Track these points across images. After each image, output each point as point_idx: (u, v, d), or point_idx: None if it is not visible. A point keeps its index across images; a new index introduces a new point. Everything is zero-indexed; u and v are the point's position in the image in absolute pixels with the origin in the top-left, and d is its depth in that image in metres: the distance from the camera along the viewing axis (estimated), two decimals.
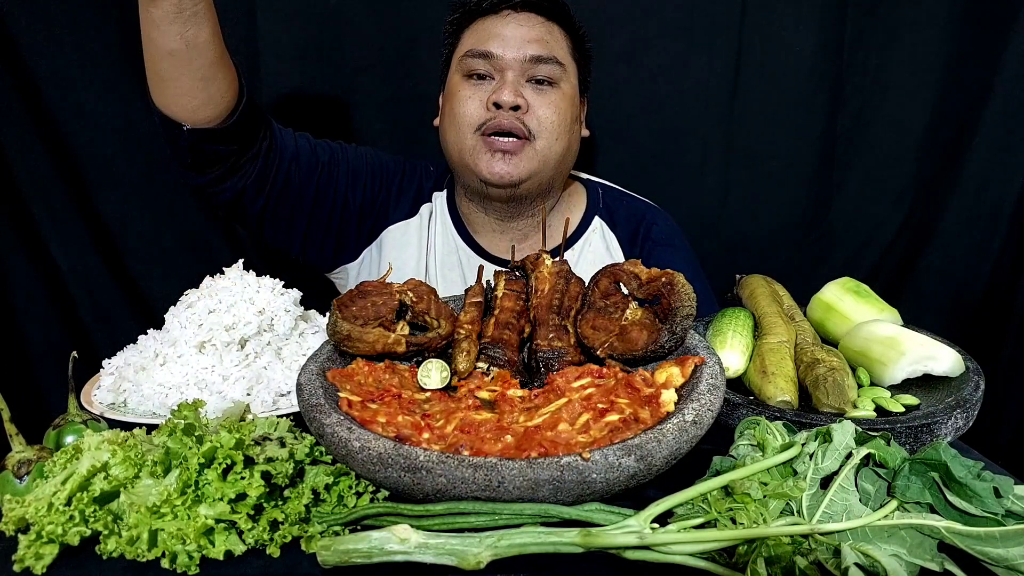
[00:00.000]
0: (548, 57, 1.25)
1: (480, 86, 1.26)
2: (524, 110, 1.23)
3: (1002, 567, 0.58)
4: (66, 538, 0.62)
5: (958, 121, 1.73)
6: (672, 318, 0.82)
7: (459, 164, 1.30)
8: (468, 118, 1.25)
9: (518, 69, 1.24)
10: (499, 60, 1.24)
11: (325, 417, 0.69)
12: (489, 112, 1.23)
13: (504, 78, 1.24)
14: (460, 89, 1.27)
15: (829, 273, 1.28)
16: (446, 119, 1.31)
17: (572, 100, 1.30)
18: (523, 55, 1.24)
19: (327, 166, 1.31)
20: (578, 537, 0.59)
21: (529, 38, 1.25)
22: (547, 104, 1.25)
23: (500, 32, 1.25)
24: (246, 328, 0.95)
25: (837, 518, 0.62)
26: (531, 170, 1.26)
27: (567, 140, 1.30)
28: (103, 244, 1.70)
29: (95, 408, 0.89)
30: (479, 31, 1.28)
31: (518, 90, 1.23)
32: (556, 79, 1.27)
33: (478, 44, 1.26)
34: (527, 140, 1.25)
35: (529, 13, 1.27)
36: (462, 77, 1.28)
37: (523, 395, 0.80)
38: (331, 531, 0.64)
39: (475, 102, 1.25)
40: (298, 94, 1.68)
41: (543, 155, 1.26)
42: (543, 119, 1.25)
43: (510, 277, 1.01)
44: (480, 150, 1.25)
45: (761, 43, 1.69)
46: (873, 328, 0.97)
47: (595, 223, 1.42)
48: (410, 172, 1.44)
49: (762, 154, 1.78)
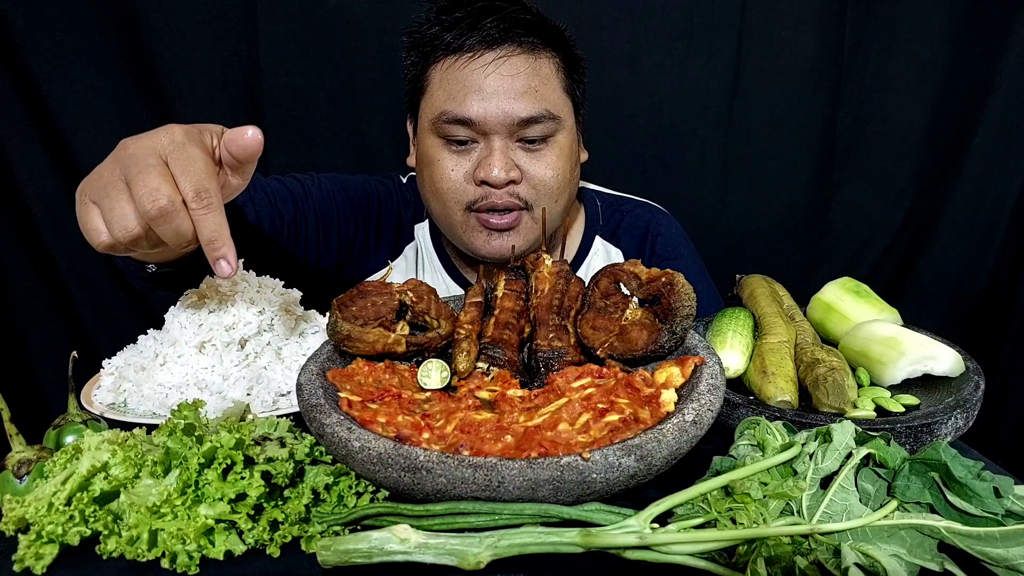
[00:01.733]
0: (539, 116, 1.08)
1: (462, 153, 1.10)
2: (517, 182, 1.09)
3: (1002, 567, 0.58)
4: (66, 538, 0.62)
5: (958, 121, 1.73)
6: (672, 318, 0.82)
7: (449, 234, 1.17)
8: (455, 195, 1.11)
9: (505, 133, 1.07)
10: (482, 125, 1.07)
11: (325, 417, 0.69)
12: (479, 189, 1.09)
13: (490, 146, 1.07)
14: (439, 158, 1.10)
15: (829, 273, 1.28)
16: (427, 187, 1.15)
17: (570, 148, 1.15)
18: (511, 118, 1.06)
19: (292, 224, 1.15)
20: (578, 537, 0.59)
21: (515, 92, 1.06)
22: (543, 166, 1.10)
23: (479, 86, 1.06)
24: (246, 328, 0.95)
25: (837, 518, 0.62)
26: (531, 241, 1.14)
27: (568, 193, 1.17)
28: None
29: (95, 408, 0.89)
30: (451, 81, 1.08)
31: (509, 162, 1.07)
32: (551, 134, 1.10)
33: (454, 105, 1.06)
34: (524, 211, 1.12)
35: (512, 54, 1.07)
36: (439, 141, 1.11)
37: (523, 395, 0.80)
38: (331, 531, 0.64)
39: (459, 175, 1.09)
40: (298, 94, 1.68)
41: (541, 221, 1.09)
42: (540, 184, 1.11)
43: (510, 277, 1.01)
44: (474, 229, 1.12)
45: (761, 43, 1.70)
46: (873, 328, 0.97)
47: (596, 245, 1.33)
48: (386, 204, 1.29)
49: (762, 154, 1.78)
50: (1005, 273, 1.77)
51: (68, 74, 1.58)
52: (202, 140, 0.73)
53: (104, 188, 0.70)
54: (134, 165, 0.69)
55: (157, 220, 0.67)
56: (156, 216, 0.67)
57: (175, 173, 0.68)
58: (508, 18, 1.08)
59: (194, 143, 0.71)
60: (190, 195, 0.67)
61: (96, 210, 0.72)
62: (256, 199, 1.13)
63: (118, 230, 0.69)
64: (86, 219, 0.72)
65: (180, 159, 0.69)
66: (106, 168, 0.72)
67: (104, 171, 0.72)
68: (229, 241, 0.68)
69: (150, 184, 0.67)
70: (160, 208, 0.66)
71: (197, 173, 0.68)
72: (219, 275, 0.69)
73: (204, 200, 0.67)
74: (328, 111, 1.70)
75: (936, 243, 1.80)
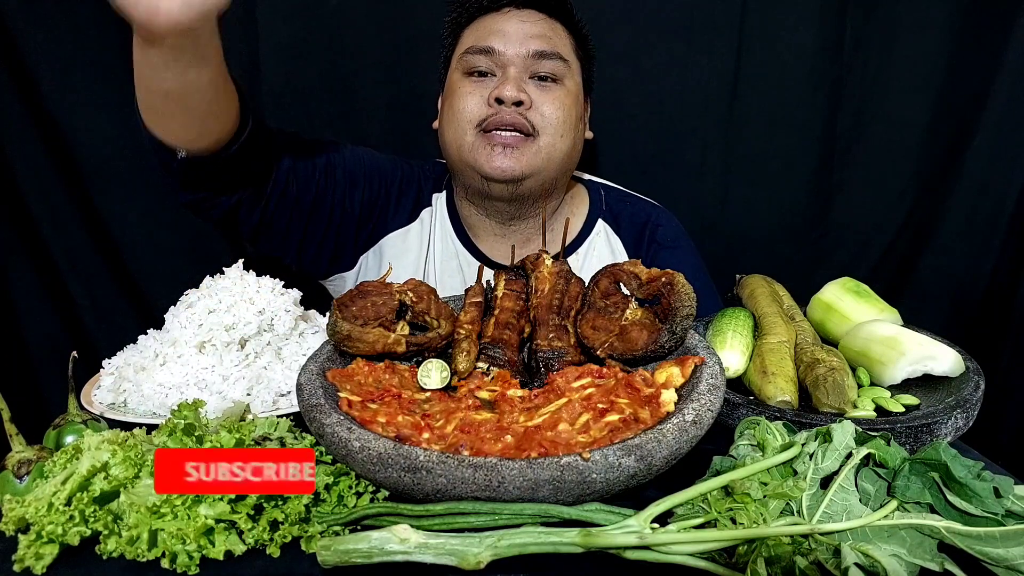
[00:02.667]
0: (552, 52, 1.22)
1: (481, 83, 1.23)
2: (527, 106, 1.20)
3: (1002, 567, 0.58)
4: (66, 538, 0.62)
5: (958, 121, 1.73)
6: (672, 318, 0.82)
7: (458, 162, 1.26)
8: (468, 114, 1.22)
9: (521, 65, 1.22)
10: (501, 56, 1.21)
11: (325, 417, 0.69)
12: (491, 108, 1.20)
13: (506, 74, 1.21)
14: (460, 86, 1.24)
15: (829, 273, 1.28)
16: (445, 117, 1.28)
17: (576, 97, 1.28)
18: (526, 50, 1.21)
19: (324, 172, 1.25)
20: (578, 537, 0.59)
21: (532, 33, 1.22)
22: (551, 100, 1.23)
23: (502, 28, 1.23)
24: (246, 328, 0.95)
25: (837, 518, 0.62)
26: (534, 166, 1.22)
27: (571, 138, 1.26)
28: (103, 244, 1.70)
29: (95, 408, 0.89)
30: (480, 28, 1.25)
31: (521, 85, 1.21)
32: (560, 75, 1.24)
33: (479, 41, 1.23)
34: (530, 136, 1.21)
35: (531, 10, 1.25)
36: (462, 75, 1.25)
37: (523, 395, 0.80)
38: (331, 531, 0.64)
39: (476, 98, 1.22)
40: (298, 94, 1.68)
41: (547, 152, 1.23)
42: (547, 115, 1.22)
43: (510, 277, 1.01)
44: (480, 145, 1.21)
45: (761, 43, 1.69)
46: (873, 328, 0.97)
47: (598, 226, 1.40)
48: (408, 175, 1.39)
49: (762, 154, 1.78)
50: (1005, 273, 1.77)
51: (68, 74, 1.58)
52: None
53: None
54: None
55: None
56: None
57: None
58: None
59: None
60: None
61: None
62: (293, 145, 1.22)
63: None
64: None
65: None
66: None
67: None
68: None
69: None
70: None
71: None
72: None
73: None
74: (328, 111, 1.70)
75: (936, 243, 1.79)
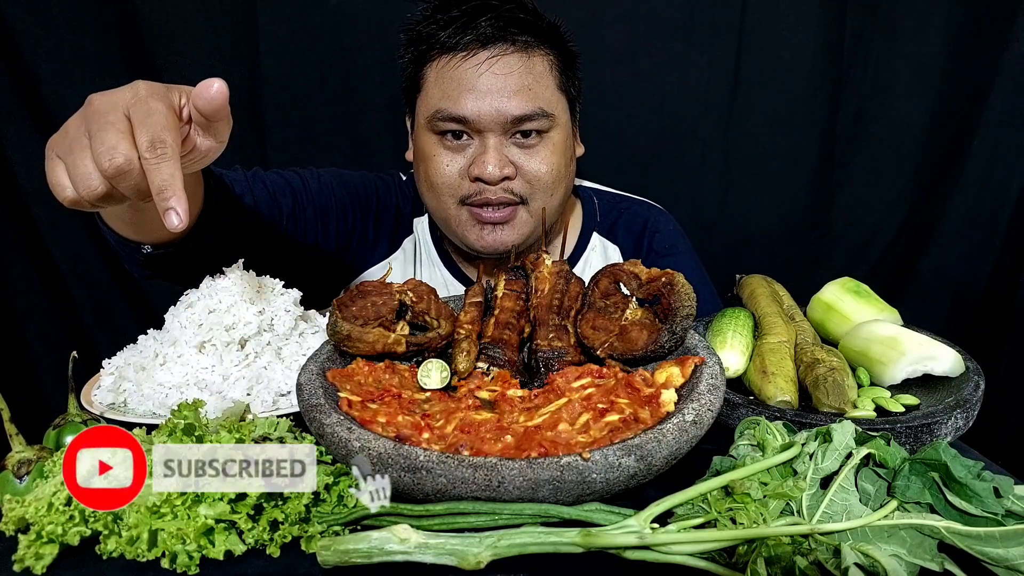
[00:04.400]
0: (534, 113, 1.09)
1: (458, 149, 1.12)
2: (512, 178, 1.10)
3: (1002, 567, 0.58)
4: (66, 538, 0.62)
5: (958, 121, 1.73)
6: (672, 318, 0.82)
7: (444, 228, 1.19)
8: (449, 189, 1.12)
9: (499, 131, 1.09)
10: (476, 123, 1.08)
11: (325, 417, 0.69)
12: (473, 185, 1.10)
13: (485, 143, 1.09)
14: (435, 154, 1.12)
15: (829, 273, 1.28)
16: (423, 181, 1.17)
17: (564, 144, 1.16)
18: (504, 116, 1.07)
19: (291, 216, 1.15)
20: (578, 537, 0.59)
21: (509, 91, 1.07)
22: (537, 162, 1.12)
23: (472, 85, 1.07)
24: (246, 328, 0.95)
25: (837, 518, 0.62)
26: (525, 234, 1.15)
27: (563, 187, 1.18)
28: (103, 244, 1.70)
29: (95, 408, 0.89)
30: (446, 80, 1.09)
31: (503, 159, 1.09)
32: (545, 131, 1.12)
33: (448, 103, 1.08)
34: (519, 205, 1.13)
35: (505, 53, 1.08)
36: (435, 137, 1.12)
37: (523, 395, 0.80)
38: (331, 531, 0.64)
39: (454, 170, 1.11)
40: (298, 94, 1.68)
41: (537, 216, 1.13)
42: (534, 179, 1.12)
43: (510, 277, 1.01)
44: (468, 223, 1.13)
45: (761, 43, 1.70)
46: (873, 328, 0.97)
47: (593, 240, 1.34)
48: (385, 198, 1.30)
49: (762, 154, 1.78)
50: (1005, 273, 1.77)
51: (68, 74, 1.58)
52: (168, 96, 0.71)
53: (69, 145, 0.69)
54: (96, 121, 0.68)
55: (115, 178, 0.66)
56: (113, 175, 0.66)
57: (134, 126, 0.67)
58: (503, 17, 1.09)
59: (157, 98, 0.70)
60: (144, 146, 0.66)
61: (62, 166, 0.70)
62: (255, 190, 1.12)
63: (82, 188, 0.67)
64: (52, 175, 0.70)
65: (140, 112, 0.67)
66: (72, 124, 0.71)
67: (70, 127, 0.71)
68: (181, 192, 0.65)
69: (108, 142, 0.66)
70: (116, 167, 0.65)
71: (154, 125, 0.66)
72: (169, 227, 0.66)
73: (158, 150, 0.66)
74: (328, 111, 1.70)
75: (936, 243, 1.80)
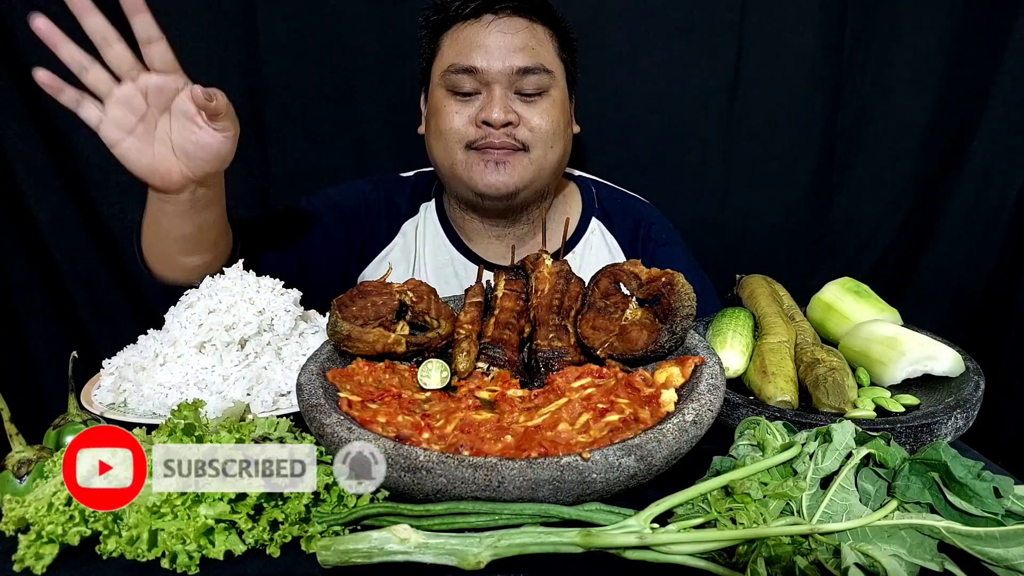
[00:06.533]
0: (535, 67, 1.20)
1: (467, 102, 1.22)
2: (515, 124, 1.20)
3: (1002, 567, 0.58)
4: (66, 538, 0.62)
5: (958, 121, 1.73)
6: (672, 318, 0.82)
7: (451, 177, 1.27)
8: (457, 135, 1.22)
9: (505, 82, 1.20)
10: (484, 74, 1.19)
11: (325, 417, 0.69)
12: (479, 130, 1.20)
13: (492, 93, 1.19)
14: (446, 105, 1.23)
15: (829, 273, 1.28)
16: (433, 134, 1.27)
17: (563, 105, 1.27)
18: (509, 67, 1.19)
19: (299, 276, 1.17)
20: (578, 537, 0.59)
21: (514, 47, 1.19)
22: (538, 114, 1.22)
23: (483, 42, 1.19)
24: (246, 328, 0.95)
25: (837, 518, 0.62)
26: (526, 179, 1.24)
27: (561, 146, 1.27)
28: (103, 244, 1.70)
29: (95, 408, 0.89)
30: (459, 40, 1.22)
31: (507, 105, 1.19)
32: (545, 87, 1.22)
33: (460, 58, 1.20)
34: (521, 151, 1.22)
35: (511, 17, 1.22)
36: (446, 92, 1.23)
37: (523, 395, 0.80)
38: (331, 531, 0.64)
39: (463, 119, 1.21)
40: (298, 94, 1.68)
41: (538, 164, 1.23)
42: (536, 129, 1.22)
43: (510, 277, 1.01)
44: (473, 162, 1.22)
45: (761, 43, 1.69)
46: (873, 328, 0.97)
47: (593, 224, 1.40)
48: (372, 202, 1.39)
49: (762, 154, 1.78)
50: (1005, 273, 1.77)
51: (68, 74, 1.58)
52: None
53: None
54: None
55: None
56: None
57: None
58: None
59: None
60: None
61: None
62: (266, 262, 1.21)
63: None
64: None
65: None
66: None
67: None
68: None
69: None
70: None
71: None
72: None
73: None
74: (328, 111, 1.70)
75: (936, 243, 1.79)
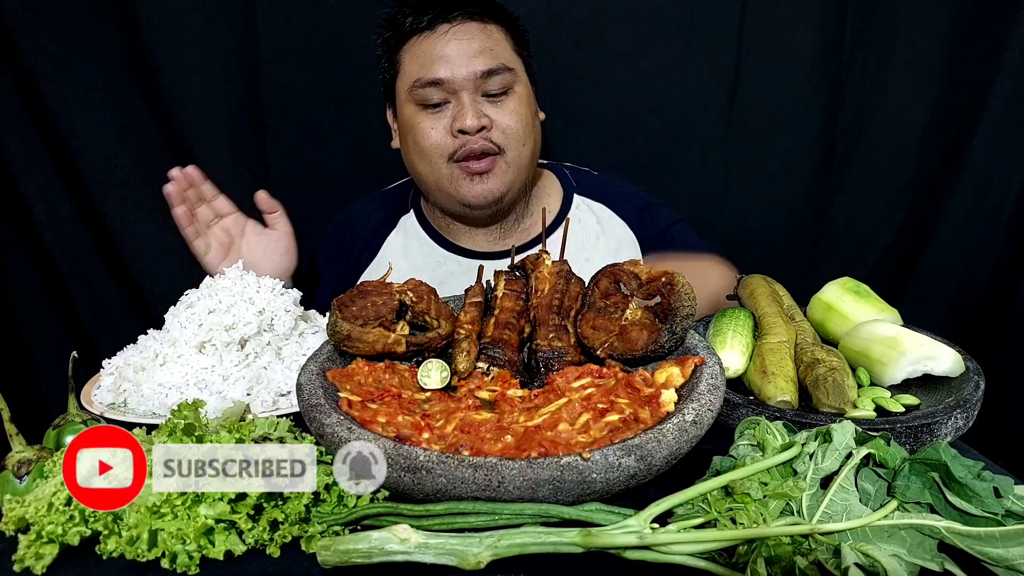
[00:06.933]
0: (498, 67, 1.23)
1: (438, 114, 1.24)
2: (489, 127, 1.23)
3: (1002, 567, 0.58)
4: (66, 538, 0.62)
5: (958, 121, 1.73)
6: (672, 318, 0.82)
7: (436, 191, 1.30)
8: (437, 149, 1.24)
9: (471, 87, 1.22)
10: (450, 83, 1.21)
11: (325, 417, 0.69)
12: (457, 139, 1.22)
13: (460, 101, 1.22)
14: (419, 121, 1.25)
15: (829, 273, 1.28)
16: (412, 152, 1.29)
17: (528, 99, 1.30)
18: (473, 72, 1.21)
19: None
20: (578, 537, 0.59)
21: (473, 52, 1.22)
22: (508, 114, 1.25)
23: (443, 52, 1.22)
24: (246, 328, 0.95)
25: (837, 518, 0.62)
26: (508, 182, 1.28)
27: (532, 140, 1.30)
28: (103, 244, 1.70)
29: (95, 408, 0.89)
30: (419, 54, 1.24)
31: (478, 111, 1.22)
32: (509, 85, 1.25)
33: (424, 72, 1.22)
34: (498, 155, 1.25)
35: (465, 22, 1.24)
36: (416, 107, 1.25)
37: (523, 395, 0.80)
38: (331, 531, 0.64)
39: (439, 132, 1.24)
40: (298, 94, 1.68)
41: (515, 165, 1.27)
42: (508, 130, 1.24)
43: (510, 277, 1.01)
44: (458, 177, 1.25)
45: (761, 43, 1.69)
46: (873, 328, 0.97)
47: (576, 200, 1.44)
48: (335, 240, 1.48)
49: (762, 154, 1.78)
50: (1005, 273, 1.77)
51: (68, 74, 1.58)
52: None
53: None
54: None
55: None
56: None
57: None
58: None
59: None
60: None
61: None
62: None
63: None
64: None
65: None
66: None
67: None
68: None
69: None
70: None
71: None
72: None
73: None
74: (328, 111, 1.70)
75: (936, 243, 1.79)
